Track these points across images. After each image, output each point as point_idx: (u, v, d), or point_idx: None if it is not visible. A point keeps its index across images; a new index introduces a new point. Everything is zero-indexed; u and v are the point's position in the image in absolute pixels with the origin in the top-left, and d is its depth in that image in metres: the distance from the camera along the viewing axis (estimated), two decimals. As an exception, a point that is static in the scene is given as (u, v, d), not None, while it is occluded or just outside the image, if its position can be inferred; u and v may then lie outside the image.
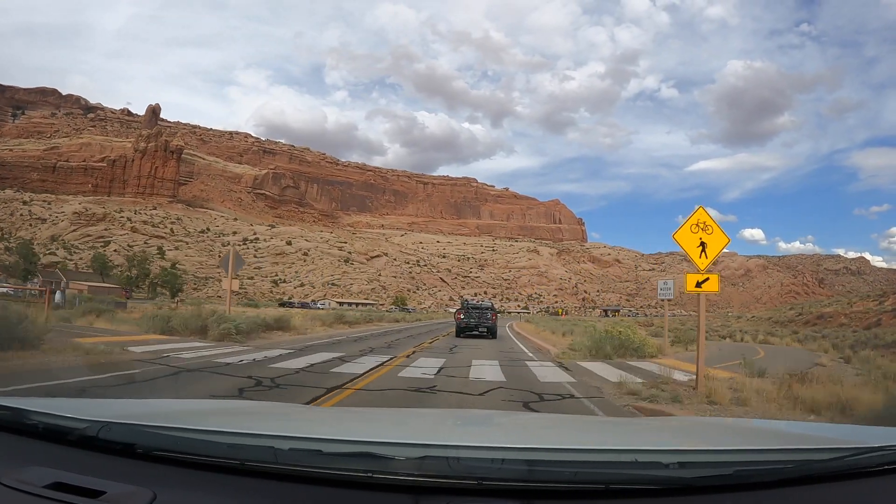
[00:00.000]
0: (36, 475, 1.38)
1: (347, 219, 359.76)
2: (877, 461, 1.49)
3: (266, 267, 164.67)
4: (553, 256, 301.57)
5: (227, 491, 1.38)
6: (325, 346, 17.15)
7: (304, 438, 1.54)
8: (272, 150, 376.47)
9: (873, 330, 39.35)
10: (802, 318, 59.89)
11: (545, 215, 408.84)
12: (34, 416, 1.68)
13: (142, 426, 1.63)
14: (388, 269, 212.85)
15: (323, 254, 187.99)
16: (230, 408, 3.05)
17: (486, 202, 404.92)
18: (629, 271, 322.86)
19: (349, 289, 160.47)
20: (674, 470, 1.39)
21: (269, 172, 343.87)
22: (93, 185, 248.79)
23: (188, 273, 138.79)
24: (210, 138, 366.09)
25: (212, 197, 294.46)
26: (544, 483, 1.36)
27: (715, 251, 8.71)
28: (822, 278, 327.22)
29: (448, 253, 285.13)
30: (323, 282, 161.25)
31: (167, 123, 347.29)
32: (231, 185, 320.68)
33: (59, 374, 8.17)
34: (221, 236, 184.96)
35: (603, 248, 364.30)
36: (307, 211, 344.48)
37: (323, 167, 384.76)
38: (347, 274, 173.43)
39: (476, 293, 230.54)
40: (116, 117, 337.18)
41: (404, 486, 1.34)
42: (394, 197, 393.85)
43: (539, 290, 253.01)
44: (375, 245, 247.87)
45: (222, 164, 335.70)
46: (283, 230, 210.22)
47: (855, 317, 51.77)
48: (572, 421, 3.41)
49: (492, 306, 28.72)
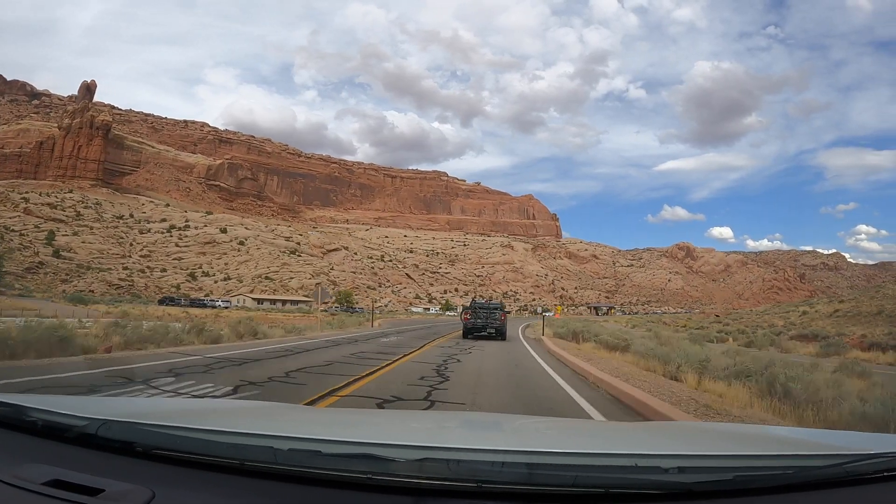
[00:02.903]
0: (35, 472, 1.37)
1: (310, 213, 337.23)
2: (876, 468, 1.48)
3: (189, 258, 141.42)
4: (528, 252, 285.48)
5: (226, 491, 1.36)
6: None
7: (303, 439, 1.52)
8: (229, 139, 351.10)
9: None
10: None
11: (518, 211, 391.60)
12: (33, 412, 1.67)
13: (141, 424, 1.61)
14: (347, 264, 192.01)
15: (263, 244, 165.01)
16: (230, 407, 3.02)
17: (456, 197, 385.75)
18: (607, 267, 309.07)
19: (286, 284, 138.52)
20: (674, 475, 1.38)
21: (225, 163, 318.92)
22: (18, 169, 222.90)
23: (72, 261, 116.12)
24: (163, 126, 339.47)
25: (157, 187, 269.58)
26: (544, 486, 1.34)
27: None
28: (802, 273, 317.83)
29: (416, 248, 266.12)
30: (255, 275, 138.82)
31: (119, 111, 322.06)
32: (181, 175, 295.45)
33: None
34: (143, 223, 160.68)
35: (579, 243, 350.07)
36: (266, 204, 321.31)
37: (284, 159, 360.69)
38: (288, 267, 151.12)
39: (446, 290, 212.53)
40: (63, 104, 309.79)
41: (404, 488, 1.32)
42: (360, 191, 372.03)
43: (514, 286, 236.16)
44: (335, 238, 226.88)
45: (174, 152, 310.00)
46: (220, 217, 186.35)
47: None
48: (573, 425, 3.36)
49: (501, 306, 27.17)
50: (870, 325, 39.58)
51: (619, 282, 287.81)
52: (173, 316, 32.89)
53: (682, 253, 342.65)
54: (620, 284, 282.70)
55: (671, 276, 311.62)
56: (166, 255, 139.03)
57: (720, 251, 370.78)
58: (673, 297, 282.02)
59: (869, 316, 42.25)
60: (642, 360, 12.32)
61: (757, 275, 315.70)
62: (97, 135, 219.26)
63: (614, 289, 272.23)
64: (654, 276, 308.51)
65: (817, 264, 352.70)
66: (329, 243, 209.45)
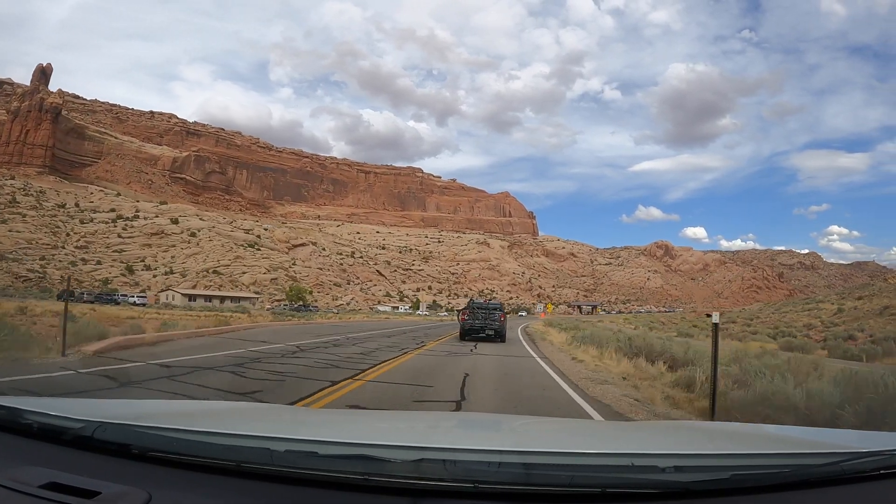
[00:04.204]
0: (31, 475, 1.36)
1: (280, 209, 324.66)
2: (873, 466, 1.48)
3: (132, 250, 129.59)
4: (504, 250, 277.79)
5: (223, 492, 1.36)
6: None
7: (299, 440, 1.51)
8: (198, 131, 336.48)
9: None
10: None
11: (494, 208, 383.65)
12: (29, 415, 1.66)
13: (137, 426, 1.61)
14: (314, 260, 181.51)
15: (219, 236, 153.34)
16: (226, 409, 3.02)
17: (431, 193, 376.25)
18: (585, 265, 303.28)
19: (237, 279, 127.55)
20: (670, 474, 1.37)
21: (192, 155, 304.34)
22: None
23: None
24: (128, 117, 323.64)
25: (118, 178, 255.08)
26: (541, 486, 1.34)
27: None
28: (781, 272, 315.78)
29: (389, 244, 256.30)
30: (201, 269, 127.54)
31: (82, 100, 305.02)
32: (144, 167, 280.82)
33: None
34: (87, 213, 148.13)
35: (557, 241, 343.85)
36: (234, 199, 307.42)
37: (254, 152, 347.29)
38: (241, 261, 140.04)
39: (419, 288, 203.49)
40: (26, 91, 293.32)
41: (401, 489, 1.32)
42: (332, 186, 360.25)
43: (491, 284, 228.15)
44: (303, 233, 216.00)
45: (138, 143, 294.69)
46: (175, 207, 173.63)
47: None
48: (569, 425, 3.32)
49: (500, 306, 25.64)
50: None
51: (597, 280, 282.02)
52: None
53: (660, 251, 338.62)
54: (599, 283, 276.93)
55: (650, 274, 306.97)
56: (106, 247, 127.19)
57: (698, 250, 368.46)
58: (652, 296, 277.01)
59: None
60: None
61: (736, 273, 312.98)
62: (45, 118, 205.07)
63: (593, 287, 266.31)
64: (633, 274, 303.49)
65: (794, 263, 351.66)
66: (295, 238, 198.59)
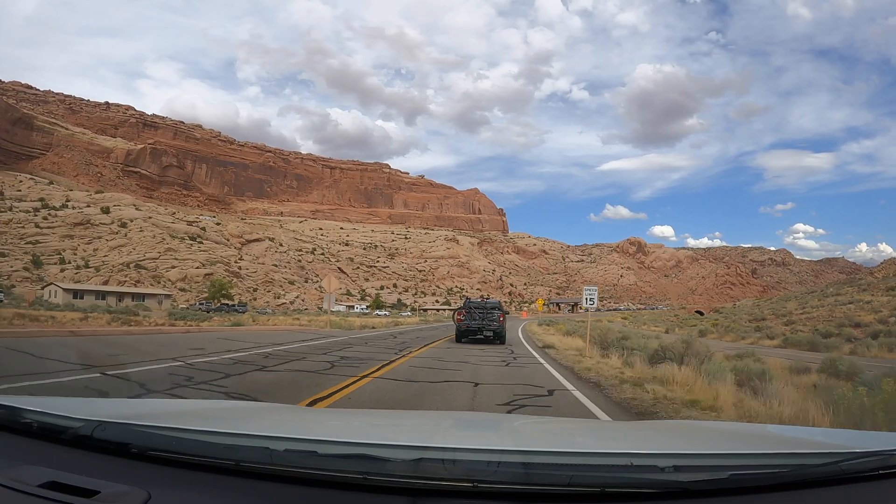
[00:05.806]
0: (31, 474, 1.36)
1: (241, 205, 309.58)
2: (872, 466, 1.48)
3: (50, 242, 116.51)
4: (474, 246, 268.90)
5: (222, 491, 1.36)
6: None
7: (299, 439, 1.51)
8: (155, 123, 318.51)
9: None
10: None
11: (464, 205, 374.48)
12: (29, 414, 1.66)
13: (137, 426, 1.60)
14: (269, 256, 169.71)
15: (154, 227, 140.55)
16: (226, 408, 3.00)
17: (399, 190, 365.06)
18: (557, 263, 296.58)
19: (163, 274, 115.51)
20: (669, 473, 1.37)
21: (147, 147, 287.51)
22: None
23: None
24: (82, 108, 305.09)
25: (65, 171, 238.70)
26: (540, 486, 1.33)
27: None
28: (754, 269, 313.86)
29: (352, 240, 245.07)
30: (123, 263, 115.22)
31: (35, 91, 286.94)
32: (94, 159, 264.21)
33: None
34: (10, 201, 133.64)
35: (528, 238, 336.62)
36: (192, 194, 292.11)
37: (215, 146, 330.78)
38: (173, 254, 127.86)
39: (384, 286, 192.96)
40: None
41: (400, 488, 1.32)
42: (296, 182, 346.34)
43: (460, 282, 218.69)
44: (260, 229, 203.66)
45: (90, 135, 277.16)
46: (110, 196, 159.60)
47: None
48: (569, 424, 3.35)
49: (499, 305, 23.56)
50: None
51: (569, 277, 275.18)
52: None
53: (633, 248, 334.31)
54: (571, 280, 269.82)
55: (623, 271, 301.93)
56: (19, 238, 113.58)
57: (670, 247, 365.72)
58: (627, 293, 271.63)
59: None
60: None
61: (709, 270, 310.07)
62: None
63: (565, 285, 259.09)
64: (607, 271, 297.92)
65: (765, 260, 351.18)
66: (250, 233, 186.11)
